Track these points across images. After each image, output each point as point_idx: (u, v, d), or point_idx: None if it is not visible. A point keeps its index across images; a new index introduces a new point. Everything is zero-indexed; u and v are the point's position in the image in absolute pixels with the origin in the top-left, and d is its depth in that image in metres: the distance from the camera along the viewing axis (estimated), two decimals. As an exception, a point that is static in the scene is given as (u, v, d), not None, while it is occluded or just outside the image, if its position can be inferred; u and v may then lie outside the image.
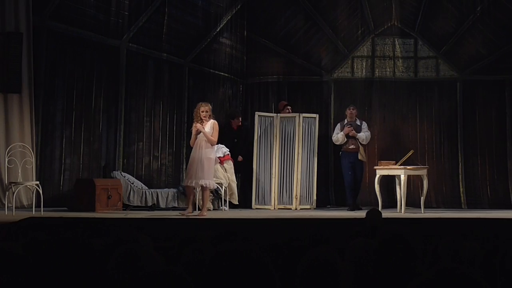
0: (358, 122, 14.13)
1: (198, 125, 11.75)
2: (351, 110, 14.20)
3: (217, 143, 14.01)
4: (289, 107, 14.71)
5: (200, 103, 12.14)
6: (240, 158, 14.49)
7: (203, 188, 11.92)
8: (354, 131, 13.98)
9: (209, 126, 11.81)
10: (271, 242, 4.40)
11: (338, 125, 14.25)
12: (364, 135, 14.03)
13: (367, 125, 14.25)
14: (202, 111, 11.84)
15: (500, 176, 14.75)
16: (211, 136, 11.77)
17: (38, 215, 11.25)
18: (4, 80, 12.81)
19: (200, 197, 13.46)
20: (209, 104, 12.12)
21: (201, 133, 11.75)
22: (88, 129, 13.73)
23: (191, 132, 12.06)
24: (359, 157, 13.90)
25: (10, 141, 12.69)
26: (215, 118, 12.19)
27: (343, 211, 13.65)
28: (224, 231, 4.84)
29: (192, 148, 11.98)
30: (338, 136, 14.09)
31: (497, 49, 14.94)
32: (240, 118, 14.63)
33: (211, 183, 11.92)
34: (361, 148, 13.98)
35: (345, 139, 14.03)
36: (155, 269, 2.67)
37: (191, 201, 11.95)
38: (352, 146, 13.96)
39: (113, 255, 3.62)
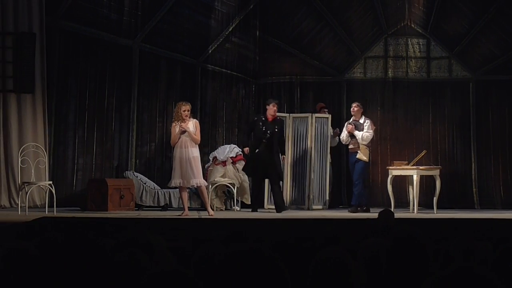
0: (361, 120, 13.74)
1: (184, 125, 11.72)
2: (353, 107, 13.74)
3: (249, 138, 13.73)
4: (326, 110, 14.55)
5: (181, 102, 12.08)
6: (283, 157, 13.67)
7: (198, 188, 11.93)
8: (352, 127, 13.55)
9: (192, 125, 11.80)
10: (282, 242, 4.40)
11: (346, 124, 13.98)
12: (361, 134, 13.46)
13: (371, 123, 13.65)
14: (184, 110, 11.79)
15: (513, 177, 14.72)
16: (195, 135, 11.75)
17: (51, 215, 11.29)
18: (17, 80, 12.87)
19: (212, 198, 13.52)
20: (189, 103, 12.08)
21: (185, 132, 11.71)
22: (101, 129, 13.77)
23: (171, 132, 12.03)
24: (358, 156, 13.61)
25: (23, 141, 12.75)
26: (195, 117, 12.19)
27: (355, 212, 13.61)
28: (235, 231, 4.85)
29: (173, 147, 11.95)
30: (343, 136, 13.83)
31: (510, 49, 14.88)
32: (275, 107, 13.49)
33: (202, 181, 11.90)
34: (361, 147, 13.51)
35: (349, 138, 13.72)
36: (162, 269, 2.67)
37: (186, 201, 11.95)
38: (351, 146, 13.67)
39: (124, 255, 3.63)
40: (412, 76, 15.28)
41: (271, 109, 13.36)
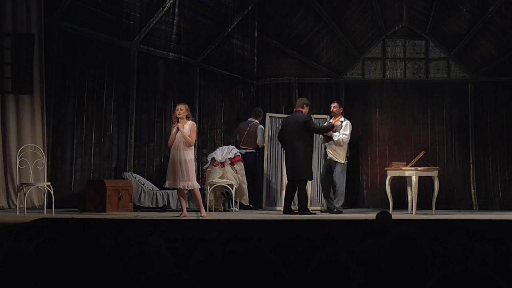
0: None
1: (179, 125, 11.70)
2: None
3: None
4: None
5: (178, 103, 12.10)
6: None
7: (191, 191, 11.92)
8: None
9: (188, 127, 11.77)
10: (281, 243, 4.41)
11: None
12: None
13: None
14: (176, 109, 11.79)
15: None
16: (189, 136, 11.72)
17: (49, 216, 11.27)
18: (16, 81, 12.86)
19: (211, 199, 13.52)
20: (186, 105, 12.05)
21: (179, 134, 11.67)
22: (99, 130, 13.76)
23: (170, 132, 12.03)
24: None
25: (21, 142, 12.73)
26: (194, 120, 12.18)
27: (353, 213, 13.61)
28: (233, 232, 4.85)
29: (170, 149, 11.95)
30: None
31: (508, 51, 14.89)
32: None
33: (194, 184, 11.87)
34: None
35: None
36: (163, 271, 2.67)
37: (185, 203, 11.94)
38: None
39: (125, 256, 3.62)
40: (410, 77, 15.29)
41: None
